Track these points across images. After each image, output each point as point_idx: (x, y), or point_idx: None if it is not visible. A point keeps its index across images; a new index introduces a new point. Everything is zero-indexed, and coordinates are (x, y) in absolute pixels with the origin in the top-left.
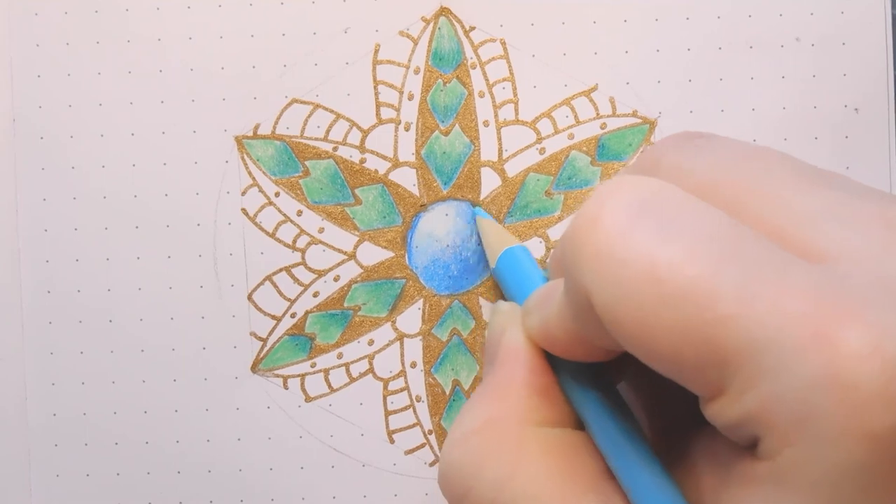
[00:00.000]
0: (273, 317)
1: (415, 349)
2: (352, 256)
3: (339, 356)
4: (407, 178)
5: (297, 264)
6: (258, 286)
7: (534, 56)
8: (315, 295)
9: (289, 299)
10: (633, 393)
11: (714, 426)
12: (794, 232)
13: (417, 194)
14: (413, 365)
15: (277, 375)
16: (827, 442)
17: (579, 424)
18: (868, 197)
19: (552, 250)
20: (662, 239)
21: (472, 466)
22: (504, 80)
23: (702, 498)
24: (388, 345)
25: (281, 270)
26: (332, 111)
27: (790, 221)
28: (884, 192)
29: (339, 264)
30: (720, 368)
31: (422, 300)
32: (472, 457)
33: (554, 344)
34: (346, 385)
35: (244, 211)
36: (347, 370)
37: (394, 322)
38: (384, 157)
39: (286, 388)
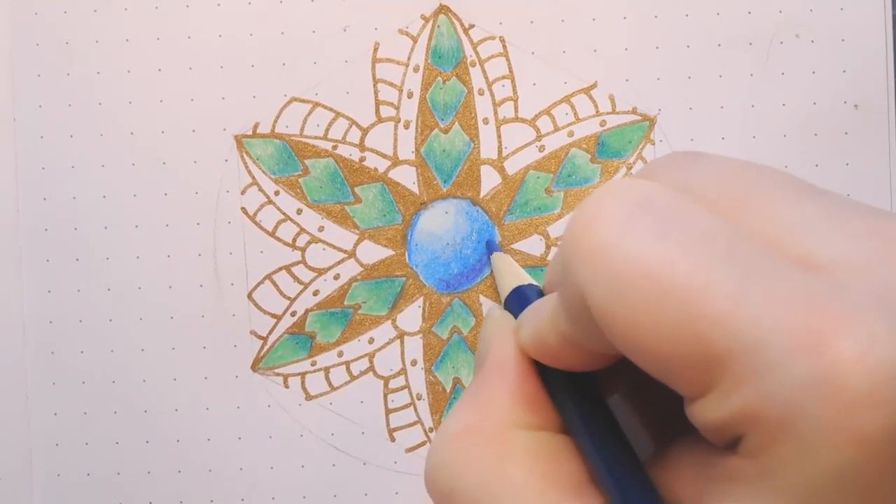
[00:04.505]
0: (273, 315)
1: (415, 347)
2: (352, 255)
3: (340, 354)
4: (407, 177)
5: (297, 263)
6: (258, 285)
7: (533, 53)
8: (315, 293)
9: (289, 298)
10: (629, 405)
11: (697, 428)
12: (789, 242)
13: (417, 192)
14: (413, 363)
15: (278, 374)
16: (813, 442)
17: (564, 430)
18: (862, 210)
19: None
20: (658, 237)
21: (456, 468)
22: (503, 77)
23: (685, 501)
24: (388, 343)
25: (281, 269)
26: (331, 109)
27: (785, 231)
28: (876, 208)
29: (339, 263)
30: (709, 367)
31: (422, 298)
32: (456, 459)
33: (546, 351)
34: (347, 383)
35: (244, 210)
36: (348, 368)
37: (394, 320)
38: (384, 156)
39: (287, 386)
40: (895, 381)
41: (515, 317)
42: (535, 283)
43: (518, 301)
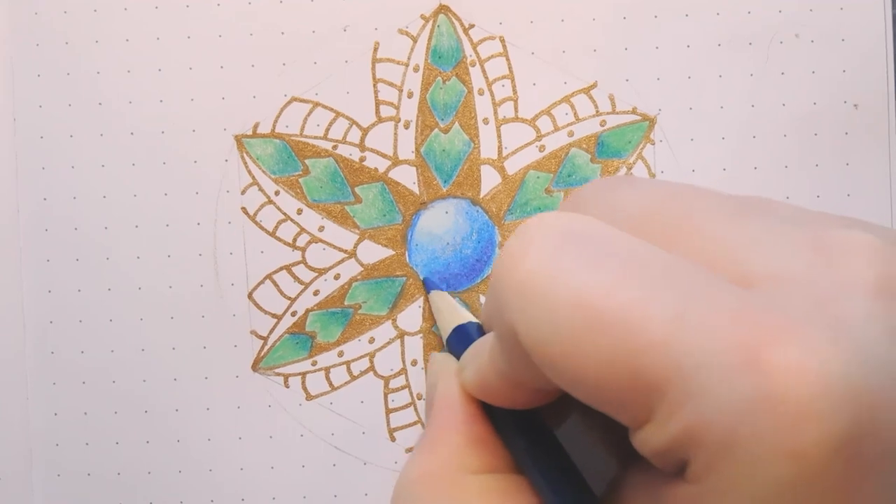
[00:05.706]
0: (273, 315)
1: (415, 347)
2: (352, 255)
3: (340, 354)
4: (407, 176)
5: (298, 263)
6: (258, 285)
7: (533, 53)
8: (315, 293)
9: (289, 298)
10: (589, 425)
11: (644, 456)
12: (721, 262)
13: (417, 192)
14: (414, 363)
15: (278, 374)
16: (754, 461)
17: (517, 469)
18: (795, 221)
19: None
20: (588, 268)
21: None
22: (503, 77)
23: None
24: (388, 343)
25: (281, 269)
26: (331, 109)
27: (717, 252)
28: (812, 213)
29: (339, 262)
30: (646, 395)
31: (422, 298)
32: None
33: (488, 392)
34: (347, 383)
35: (244, 210)
36: (348, 368)
37: (394, 320)
38: (384, 156)
39: (287, 386)
40: (832, 394)
41: (458, 356)
42: (474, 319)
43: (459, 340)
